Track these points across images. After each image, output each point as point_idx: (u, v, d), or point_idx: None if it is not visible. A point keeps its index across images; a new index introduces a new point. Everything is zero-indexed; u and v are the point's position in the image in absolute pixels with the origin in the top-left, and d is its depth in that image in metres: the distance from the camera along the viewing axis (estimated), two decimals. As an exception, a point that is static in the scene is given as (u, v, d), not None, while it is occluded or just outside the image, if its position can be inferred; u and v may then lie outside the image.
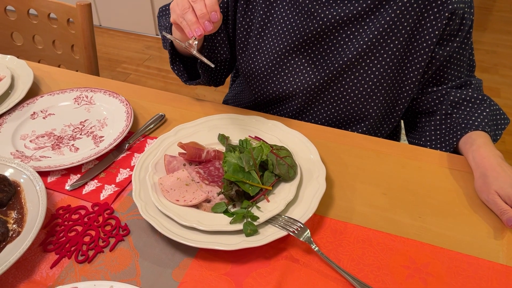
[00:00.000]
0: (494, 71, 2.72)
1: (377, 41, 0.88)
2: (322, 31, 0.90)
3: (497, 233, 0.72)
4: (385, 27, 0.87)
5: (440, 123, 0.94)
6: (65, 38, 1.36)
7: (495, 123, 0.89)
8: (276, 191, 0.75)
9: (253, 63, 0.99)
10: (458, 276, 0.65)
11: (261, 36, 0.97)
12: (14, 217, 0.71)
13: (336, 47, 0.91)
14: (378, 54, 0.89)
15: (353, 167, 0.84)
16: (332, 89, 0.94)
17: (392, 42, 0.88)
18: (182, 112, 0.98)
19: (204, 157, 0.80)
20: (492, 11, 3.42)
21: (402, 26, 0.86)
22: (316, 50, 0.93)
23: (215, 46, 1.01)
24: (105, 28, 3.24)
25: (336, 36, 0.90)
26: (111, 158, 0.85)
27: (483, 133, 0.85)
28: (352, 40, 0.89)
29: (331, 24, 0.89)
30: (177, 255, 0.68)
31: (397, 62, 0.90)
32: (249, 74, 1.01)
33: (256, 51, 0.98)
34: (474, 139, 0.83)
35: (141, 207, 0.71)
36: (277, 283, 0.64)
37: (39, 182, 0.75)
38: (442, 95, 0.94)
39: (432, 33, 0.86)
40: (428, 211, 0.75)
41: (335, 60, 0.91)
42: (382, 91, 0.92)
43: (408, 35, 0.87)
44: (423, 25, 0.86)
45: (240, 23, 0.98)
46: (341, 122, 0.99)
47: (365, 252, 0.69)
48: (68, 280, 0.65)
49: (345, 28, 0.89)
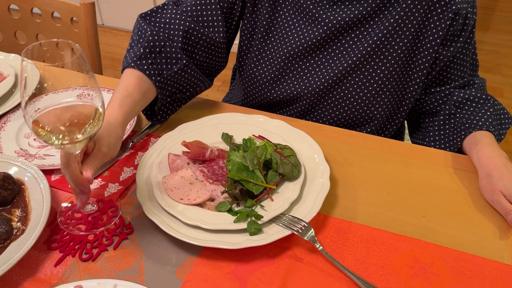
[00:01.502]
0: (496, 71, 2.71)
1: (381, 44, 0.87)
2: (326, 36, 0.89)
3: (502, 233, 0.71)
4: (389, 29, 0.86)
5: (444, 123, 0.93)
6: (68, 37, 1.36)
7: (499, 122, 0.89)
8: (280, 190, 0.75)
9: (255, 66, 0.98)
10: (462, 276, 0.65)
11: (264, 40, 0.96)
12: (18, 215, 0.71)
13: (341, 50, 0.91)
14: (382, 56, 0.89)
15: (358, 166, 0.84)
16: (336, 92, 0.94)
17: (397, 44, 0.87)
18: (186, 111, 0.98)
19: (208, 156, 0.80)
20: (494, 11, 3.41)
21: (407, 28, 0.86)
22: (321, 54, 0.92)
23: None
24: (108, 27, 3.24)
25: (340, 39, 0.90)
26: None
27: (487, 133, 0.84)
28: (356, 43, 0.89)
29: (336, 29, 0.88)
30: (181, 254, 0.68)
31: (402, 64, 0.89)
32: (251, 78, 1.00)
33: (259, 55, 0.98)
34: (479, 139, 0.83)
35: (145, 205, 0.71)
36: (281, 282, 0.64)
37: (43, 181, 0.75)
38: (446, 95, 0.94)
39: (436, 34, 0.86)
40: (432, 211, 0.75)
41: (339, 63, 0.91)
42: (387, 93, 0.92)
43: (412, 36, 0.87)
44: (427, 25, 0.86)
45: (245, 26, 0.98)
46: (346, 124, 0.98)
47: (370, 251, 0.69)
48: (72, 278, 0.65)
49: (349, 32, 0.89)
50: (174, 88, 0.89)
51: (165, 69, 0.84)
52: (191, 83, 0.92)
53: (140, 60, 0.82)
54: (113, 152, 0.73)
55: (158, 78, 0.83)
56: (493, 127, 0.85)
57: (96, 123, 0.63)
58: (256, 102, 1.03)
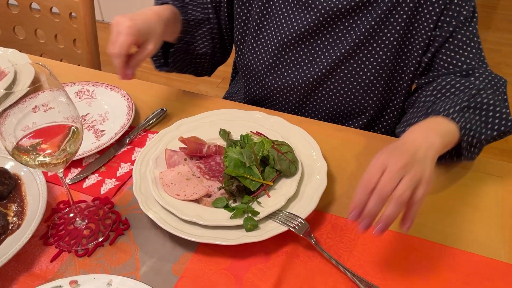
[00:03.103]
0: (497, 69, 2.70)
1: (374, 31, 0.87)
2: (320, 23, 0.89)
3: (499, 231, 0.71)
4: (382, 17, 0.86)
5: (414, 111, 0.84)
6: (67, 32, 1.36)
7: (483, 115, 0.75)
8: (277, 187, 0.75)
9: (251, 55, 0.98)
10: (459, 274, 0.65)
11: (259, 28, 0.97)
12: (15, 210, 0.71)
13: (334, 38, 0.91)
14: (375, 44, 0.88)
15: (355, 163, 0.84)
16: (330, 82, 0.94)
17: (389, 32, 0.87)
18: (184, 107, 0.97)
19: (205, 152, 0.80)
20: (496, 10, 3.40)
21: (399, 15, 0.85)
22: (314, 43, 0.92)
23: (194, 39, 1.00)
24: (108, 23, 3.23)
25: (334, 27, 0.90)
26: (112, 152, 0.85)
27: (443, 119, 0.72)
28: (350, 32, 0.89)
29: (329, 16, 0.88)
30: (177, 250, 0.68)
31: (395, 51, 0.89)
32: (247, 67, 1.00)
33: (254, 43, 0.98)
34: (424, 121, 0.72)
35: (142, 201, 0.71)
36: (277, 279, 0.64)
37: (39, 175, 0.75)
38: (430, 82, 0.87)
39: (430, 19, 0.84)
40: (429, 208, 0.75)
41: (333, 51, 0.91)
42: (381, 82, 0.92)
43: (405, 23, 0.86)
44: (420, 12, 0.85)
45: (238, 15, 0.98)
46: (340, 115, 0.98)
47: (366, 248, 0.69)
48: (68, 274, 0.65)
49: (342, 20, 0.89)
50: (189, 35, 0.98)
51: (192, 13, 0.97)
52: (201, 44, 1.00)
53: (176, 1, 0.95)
54: (155, 51, 0.84)
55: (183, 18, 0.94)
56: (460, 116, 0.72)
57: (75, 139, 0.61)
58: (255, 91, 1.03)
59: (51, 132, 0.60)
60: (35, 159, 0.59)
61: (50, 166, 0.61)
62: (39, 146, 0.60)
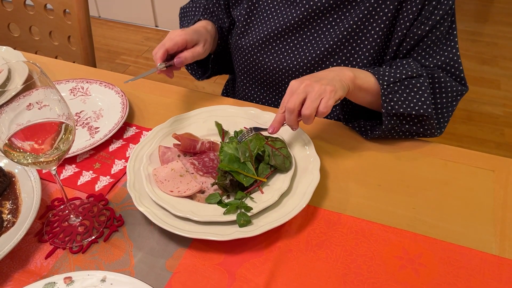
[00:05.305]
0: (494, 63, 2.70)
1: (358, 28, 0.88)
2: (304, 17, 0.91)
3: (490, 224, 0.72)
4: (370, 10, 0.86)
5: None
6: (61, 29, 1.36)
7: (418, 87, 0.80)
8: (270, 183, 0.75)
9: (241, 43, 1.00)
10: (450, 267, 0.66)
11: (249, 17, 0.98)
12: (9, 207, 0.72)
13: (320, 32, 0.92)
14: (359, 41, 0.89)
15: (348, 158, 0.84)
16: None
17: (373, 29, 0.87)
18: (178, 103, 0.98)
19: (198, 148, 0.80)
20: (493, 3, 3.40)
21: (383, 12, 0.86)
22: (300, 37, 0.93)
23: (217, 12, 1.05)
24: (104, 19, 3.22)
25: (318, 22, 0.91)
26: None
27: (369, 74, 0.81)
28: (334, 27, 0.90)
29: (313, 11, 0.89)
30: (170, 246, 0.69)
31: (380, 48, 0.89)
32: (237, 50, 1.02)
33: (244, 32, 0.99)
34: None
35: (135, 198, 0.72)
36: (270, 273, 0.65)
37: (33, 173, 0.75)
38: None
39: (411, 14, 0.84)
40: (422, 203, 0.75)
41: (321, 43, 0.91)
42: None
43: (391, 14, 0.86)
44: (404, 7, 0.85)
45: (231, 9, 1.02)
46: None
47: (359, 243, 0.69)
48: (62, 270, 0.66)
49: (329, 14, 0.90)
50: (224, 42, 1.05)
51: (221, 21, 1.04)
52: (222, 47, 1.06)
53: (204, 14, 1.03)
54: (204, 54, 0.91)
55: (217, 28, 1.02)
56: (389, 82, 0.80)
57: (67, 136, 0.62)
58: (244, 78, 1.06)
59: (43, 130, 0.60)
60: (27, 157, 0.59)
61: (43, 164, 0.61)
62: (31, 144, 0.60)
